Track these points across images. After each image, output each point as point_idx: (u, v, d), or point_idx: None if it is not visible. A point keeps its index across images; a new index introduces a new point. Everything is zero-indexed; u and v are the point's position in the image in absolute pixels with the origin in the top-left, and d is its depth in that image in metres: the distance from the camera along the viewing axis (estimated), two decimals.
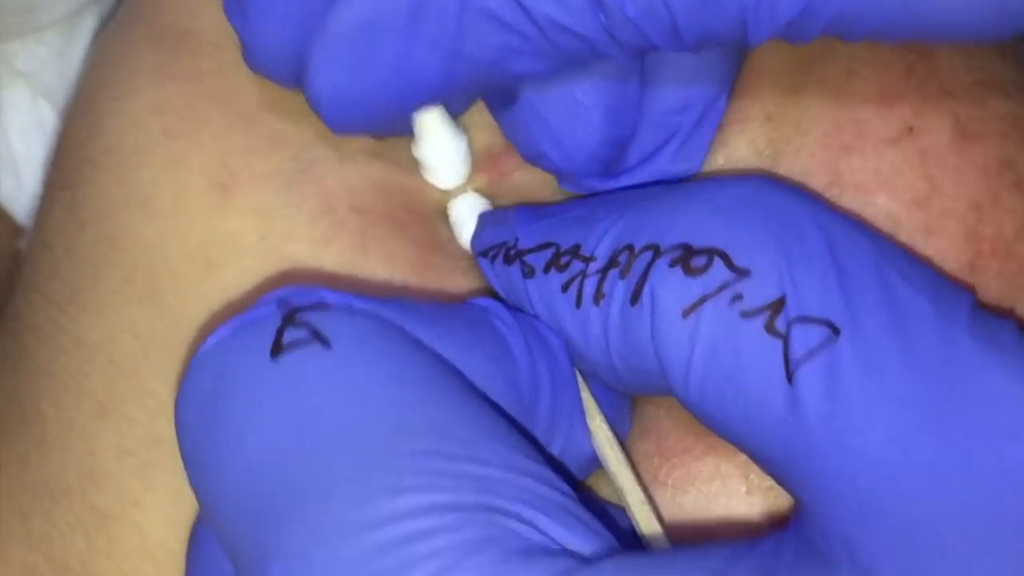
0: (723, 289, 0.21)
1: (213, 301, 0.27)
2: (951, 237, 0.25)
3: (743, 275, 0.21)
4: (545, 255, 0.24)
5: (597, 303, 0.23)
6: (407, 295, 0.26)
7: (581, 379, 0.24)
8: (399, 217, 0.27)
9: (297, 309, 0.22)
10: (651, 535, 0.24)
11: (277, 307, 0.22)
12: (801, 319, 0.21)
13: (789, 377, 0.20)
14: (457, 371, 0.22)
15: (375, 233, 0.27)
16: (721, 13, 0.22)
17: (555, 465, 0.24)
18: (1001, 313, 0.25)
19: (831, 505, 0.20)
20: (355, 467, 0.20)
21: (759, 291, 0.21)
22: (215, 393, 0.21)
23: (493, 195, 0.28)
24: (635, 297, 0.22)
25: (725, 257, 0.22)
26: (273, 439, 0.20)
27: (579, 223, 0.24)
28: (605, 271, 0.23)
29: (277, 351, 0.21)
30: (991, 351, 0.20)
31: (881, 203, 0.25)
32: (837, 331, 0.20)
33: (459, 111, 0.28)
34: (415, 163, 0.28)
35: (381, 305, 0.22)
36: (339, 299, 0.22)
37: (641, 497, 0.23)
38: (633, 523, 0.24)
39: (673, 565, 0.20)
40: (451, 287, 0.27)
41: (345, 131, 0.25)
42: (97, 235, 0.28)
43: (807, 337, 0.21)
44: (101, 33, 0.34)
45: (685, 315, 0.22)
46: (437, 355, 0.22)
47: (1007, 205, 0.25)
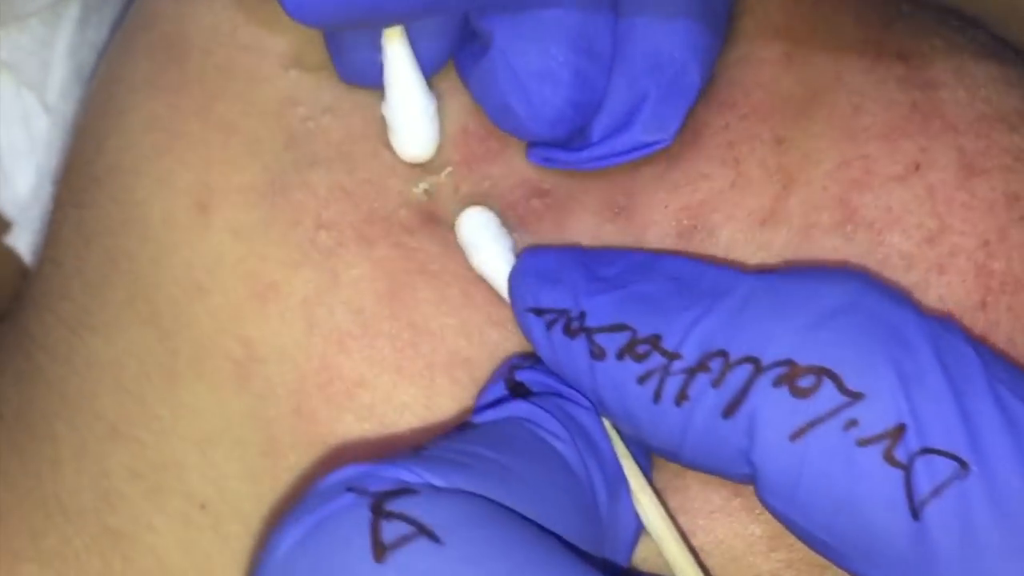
0: (835, 414, 0.21)
1: (204, 327, 0.26)
2: (962, 274, 0.25)
3: (856, 398, 0.21)
4: (618, 339, 0.23)
5: (679, 404, 0.22)
6: (379, 331, 0.26)
7: (625, 452, 0.24)
8: (370, 235, 0.26)
9: (383, 496, 0.20)
10: None
11: (353, 494, 0.20)
12: (926, 451, 0.20)
13: (915, 512, 0.20)
14: (545, 532, 0.21)
15: (343, 256, 0.26)
16: None
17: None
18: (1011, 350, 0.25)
19: None
20: None
21: (875, 417, 0.21)
22: None
23: (469, 193, 0.27)
24: (730, 411, 0.22)
25: (835, 378, 0.21)
26: None
27: (655, 306, 0.23)
28: (693, 372, 0.22)
29: (380, 552, 0.19)
30: None
31: (894, 241, 0.25)
32: (965, 466, 0.20)
33: (431, 70, 0.27)
34: (391, 160, 0.27)
35: (457, 471, 0.21)
36: (417, 478, 0.20)
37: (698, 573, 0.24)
38: None
39: None
40: (419, 319, 0.26)
41: (312, 19, 0.22)
42: (102, 256, 0.28)
43: (933, 472, 0.20)
44: (109, 43, 0.33)
45: (793, 439, 0.21)
46: (525, 521, 0.21)
47: (1015, 240, 0.26)
